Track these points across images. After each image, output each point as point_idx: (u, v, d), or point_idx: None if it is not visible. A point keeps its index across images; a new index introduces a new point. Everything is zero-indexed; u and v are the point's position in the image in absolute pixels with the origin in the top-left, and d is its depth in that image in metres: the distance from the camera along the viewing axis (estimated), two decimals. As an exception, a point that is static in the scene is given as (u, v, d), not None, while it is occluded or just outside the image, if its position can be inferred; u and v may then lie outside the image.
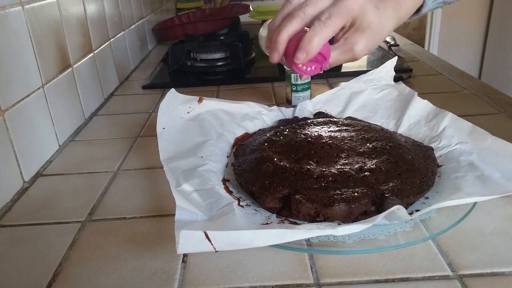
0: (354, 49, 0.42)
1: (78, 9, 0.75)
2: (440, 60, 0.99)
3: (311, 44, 0.40)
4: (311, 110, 0.65)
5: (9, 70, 0.53)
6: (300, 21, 0.40)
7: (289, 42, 0.41)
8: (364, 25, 0.41)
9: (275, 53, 0.42)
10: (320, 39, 0.40)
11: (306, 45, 0.40)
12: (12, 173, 0.52)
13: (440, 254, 0.37)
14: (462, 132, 0.52)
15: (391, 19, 0.44)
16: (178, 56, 1.01)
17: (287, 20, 0.41)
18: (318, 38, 0.40)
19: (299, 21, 0.40)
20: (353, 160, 0.46)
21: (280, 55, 0.42)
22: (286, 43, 0.41)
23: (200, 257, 0.39)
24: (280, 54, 0.42)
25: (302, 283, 0.35)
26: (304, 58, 0.40)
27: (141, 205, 0.48)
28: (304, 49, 0.40)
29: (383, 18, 0.43)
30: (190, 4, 1.81)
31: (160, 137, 0.52)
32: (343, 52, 0.42)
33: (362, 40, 0.42)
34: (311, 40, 0.39)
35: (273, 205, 0.43)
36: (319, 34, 0.39)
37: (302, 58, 0.41)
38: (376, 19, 0.41)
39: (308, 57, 0.41)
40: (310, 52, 0.40)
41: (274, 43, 0.41)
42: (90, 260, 0.40)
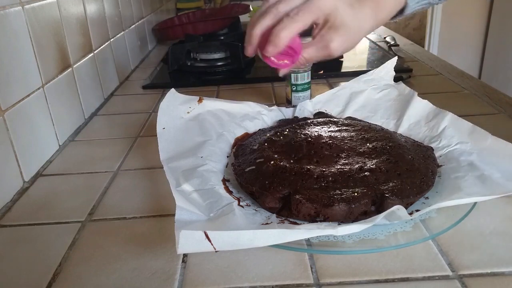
0: (329, 46, 0.44)
1: (78, 9, 0.75)
2: (440, 60, 0.99)
3: (278, 37, 0.42)
4: (311, 110, 0.65)
5: (9, 70, 0.53)
6: (273, 16, 0.43)
7: (263, 37, 0.44)
8: (338, 23, 0.43)
9: (249, 47, 0.45)
10: (288, 33, 0.42)
11: (274, 39, 0.42)
12: (12, 173, 0.52)
13: (440, 254, 0.37)
14: (462, 132, 0.52)
15: (368, 19, 0.45)
16: (178, 56, 1.01)
17: (261, 16, 0.44)
18: (285, 31, 0.42)
19: (272, 16, 0.43)
20: (353, 160, 0.46)
21: (253, 49, 0.45)
22: (259, 37, 0.44)
23: (200, 257, 0.39)
24: (253, 47, 0.45)
25: (302, 283, 0.35)
26: (272, 50, 0.43)
27: (141, 205, 0.48)
28: (272, 42, 0.42)
29: (358, 17, 0.44)
30: (190, 4, 1.81)
31: (160, 137, 0.52)
32: (319, 48, 0.44)
33: (337, 38, 0.43)
34: (278, 33, 0.42)
35: (273, 205, 0.43)
36: (287, 28, 0.42)
37: (271, 51, 0.43)
38: (350, 18, 0.43)
39: (276, 50, 0.43)
40: (278, 45, 0.42)
41: (248, 37, 0.44)
42: (90, 260, 0.40)
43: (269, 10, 0.43)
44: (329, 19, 0.43)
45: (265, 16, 0.43)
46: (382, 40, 1.18)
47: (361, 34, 0.45)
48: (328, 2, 0.42)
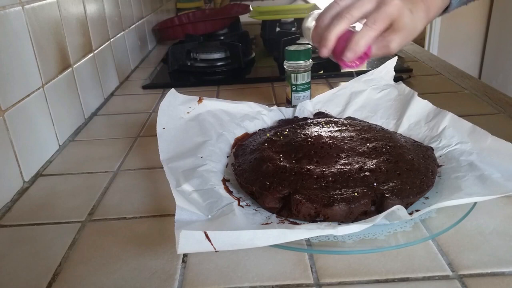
0: (389, 46, 0.49)
1: (78, 9, 0.75)
2: (440, 60, 0.99)
3: (359, 46, 0.47)
4: (311, 110, 0.65)
5: (9, 70, 0.53)
6: (348, 22, 0.48)
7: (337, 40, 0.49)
8: (400, 27, 0.48)
9: (325, 49, 0.50)
10: (367, 41, 0.47)
11: (354, 46, 0.47)
12: (12, 173, 0.52)
13: (440, 254, 0.38)
14: (462, 132, 0.52)
15: (422, 20, 0.51)
16: (178, 56, 1.01)
17: (336, 21, 0.48)
18: (364, 40, 0.47)
19: (347, 22, 0.48)
20: (353, 160, 0.46)
21: (329, 51, 0.50)
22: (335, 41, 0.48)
23: (200, 257, 0.39)
24: (329, 50, 0.49)
25: (302, 283, 0.35)
26: (351, 56, 0.48)
27: (141, 205, 0.48)
28: (353, 49, 0.48)
29: (415, 20, 0.49)
30: (190, 4, 1.81)
31: (160, 137, 0.52)
32: (380, 47, 0.49)
33: (397, 39, 0.49)
34: (359, 42, 0.47)
35: (273, 205, 0.43)
36: (366, 37, 0.47)
37: (350, 57, 0.48)
38: (410, 21, 0.48)
39: (355, 56, 0.48)
40: (358, 52, 0.48)
41: (325, 41, 0.48)
42: (90, 260, 0.40)
43: (343, 15, 0.47)
44: (394, 23, 0.48)
45: (340, 21, 0.47)
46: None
47: (415, 34, 0.51)
48: (396, 9, 0.47)
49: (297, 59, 0.68)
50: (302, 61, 0.68)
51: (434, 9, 0.52)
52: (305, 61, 0.68)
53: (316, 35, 0.51)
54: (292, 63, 0.69)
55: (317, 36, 0.51)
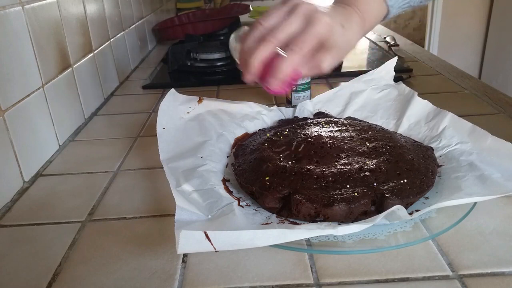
0: (320, 66, 0.45)
1: (78, 9, 0.75)
2: (440, 60, 0.99)
3: (282, 72, 0.43)
4: (311, 110, 0.65)
5: (9, 70, 0.53)
6: (272, 46, 0.43)
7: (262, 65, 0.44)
8: (332, 45, 0.44)
9: (249, 75, 0.45)
10: (290, 66, 0.43)
11: (278, 73, 0.43)
12: (12, 173, 0.52)
13: (440, 254, 0.37)
14: (462, 132, 0.52)
15: (356, 34, 0.47)
16: (178, 56, 1.01)
17: (260, 45, 0.43)
18: (288, 66, 0.42)
19: (271, 46, 0.43)
20: (353, 160, 0.46)
21: (253, 77, 0.45)
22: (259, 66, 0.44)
23: (200, 257, 0.39)
24: (253, 76, 0.45)
25: (302, 283, 0.35)
26: (275, 83, 0.44)
27: (141, 205, 0.48)
28: (276, 76, 0.43)
29: (348, 36, 0.45)
30: (190, 4, 1.81)
31: (160, 137, 0.52)
32: (311, 68, 0.45)
33: (329, 58, 0.44)
34: (282, 68, 0.42)
35: (273, 205, 0.43)
36: (289, 63, 0.42)
37: (274, 83, 0.44)
38: (341, 38, 0.44)
39: (279, 82, 0.44)
40: (281, 78, 0.43)
41: (248, 66, 0.44)
42: (90, 260, 0.40)
43: (267, 38, 0.43)
44: (323, 42, 0.43)
45: (264, 45, 0.43)
46: (382, 40, 1.18)
47: (349, 49, 0.47)
48: (325, 27, 0.42)
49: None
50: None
51: (370, 20, 0.49)
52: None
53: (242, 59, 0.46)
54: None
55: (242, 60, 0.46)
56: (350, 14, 0.47)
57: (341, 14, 0.46)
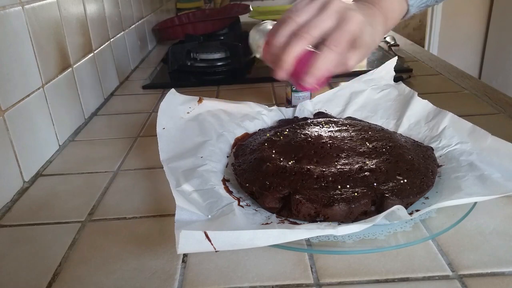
0: (347, 63, 0.45)
1: (78, 9, 0.75)
2: (440, 60, 0.99)
3: (320, 70, 0.43)
4: (311, 110, 0.65)
5: (9, 70, 0.53)
6: (306, 42, 0.43)
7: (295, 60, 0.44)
8: (361, 44, 0.44)
9: (282, 72, 0.44)
10: (327, 64, 0.43)
11: (315, 71, 0.43)
12: (12, 173, 0.52)
13: (440, 254, 0.37)
14: (462, 132, 0.52)
15: (380, 34, 0.48)
16: (178, 56, 1.01)
17: (294, 41, 0.42)
18: (326, 64, 0.43)
19: (306, 42, 0.42)
20: (353, 160, 0.46)
21: (286, 74, 0.45)
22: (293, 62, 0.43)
23: (200, 257, 0.39)
24: (286, 73, 0.44)
25: (302, 283, 0.35)
26: (312, 81, 0.44)
27: (141, 205, 0.48)
28: (313, 74, 0.43)
29: (374, 35, 0.47)
30: (190, 4, 1.81)
31: (160, 137, 0.52)
32: (338, 65, 0.45)
33: (356, 56, 0.45)
34: (320, 66, 0.42)
35: (273, 205, 0.43)
36: (327, 61, 0.42)
37: (310, 81, 0.43)
38: (370, 37, 0.45)
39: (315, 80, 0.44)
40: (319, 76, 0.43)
41: (282, 63, 0.43)
42: (90, 260, 0.40)
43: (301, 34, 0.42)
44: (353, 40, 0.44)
45: (298, 42, 0.42)
46: (382, 40, 1.18)
47: (374, 47, 0.48)
48: (358, 26, 0.43)
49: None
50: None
51: (392, 19, 0.50)
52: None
53: (270, 55, 0.45)
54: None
55: (271, 56, 0.45)
56: (374, 13, 0.48)
57: (367, 13, 0.46)
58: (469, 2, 2.68)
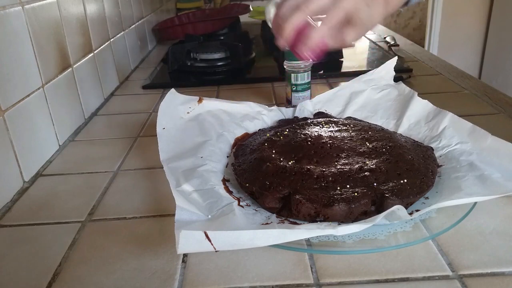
0: (345, 39, 0.49)
1: (78, 9, 0.75)
2: (440, 60, 0.99)
3: (312, 40, 0.48)
4: (311, 110, 0.65)
5: (9, 70, 0.53)
6: (304, 13, 0.48)
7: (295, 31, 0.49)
8: (356, 21, 0.48)
9: (282, 41, 0.50)
10: (320, 35, 0.48)
11: (308, 41, 0.48)
12: (12, 173, 0.52)
13: (440, 254, 0.37)
14: (462, 132, 0.52)
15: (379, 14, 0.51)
16: (178, 56, 1.01)
17: (294, 13, 0.48)
18: (317, 35, 0.48)
19: (304, 15, 0.48)
20: (353, 160, 0.46)
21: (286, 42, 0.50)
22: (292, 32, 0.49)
23: (200, 257, 0.39)
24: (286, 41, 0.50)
25: (302, 283, 0.35)
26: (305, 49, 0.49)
27: (141, 205, 0.48)
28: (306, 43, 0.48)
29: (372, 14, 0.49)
30: (190, 4, 1.81)
31: (160, 137, 0.52)
32: (337, 40, 0.50)
33: (353, 33, 0.49)
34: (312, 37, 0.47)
35: (273, 205, 0.43)
36: (320, 32, 0.48)
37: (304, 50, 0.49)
38: (366, 15, 0.49)
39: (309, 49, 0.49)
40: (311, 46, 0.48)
41: (283, 32, 0.49)
42: (90, 260, 0.40)
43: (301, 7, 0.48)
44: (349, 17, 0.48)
45: (298, 13, 0.48)
46: (382, 40, 1.18)
47: (372, 26, 0.51)
48: (352, 4, 0.47)
49: (297, 59, 0.68)
50: (302, 61, 0.68)
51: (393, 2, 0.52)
52: (305, 61, 0.68)
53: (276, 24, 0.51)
54: (292, 63, 0.69)
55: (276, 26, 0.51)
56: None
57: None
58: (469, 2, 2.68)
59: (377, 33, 1.28)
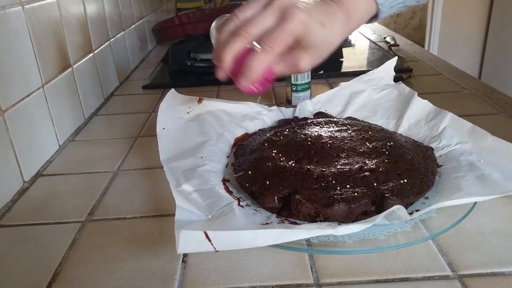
0: (298, 64, 0.42)
1: (78, 9, 0.75)
2: (440, 60, 0.99)
3: (253, 72, 0.40)
4: (311, 110, 0.65)
5: (9, 70, 0.53)
6: (244, 40, 0.41)
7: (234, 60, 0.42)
8: (308, 44, 0.41)
9: (220, 71, 0.43)
10: (261, 65, 0.40)
11: (248, 73, 0.41)
12: (12, 173, 0.52)
13: (440, 254, 0.37)
14: (462, 132, 0.52)
15: (337, 35, 0.44)
16: (178, 56, 1.01)
17: (232, 39, 0.41)
18: (259, 65, 0.40)
19: (243, 40, 0.41)
20: (353, 160, 0.46)
21: (225, 74, 0.43)
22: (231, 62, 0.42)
23: (200, 257, 0.39)
24: (226, 72, 0.43)
25: (302, 283, 0.35)
26: (246, 83, 0.42)
27: (141, 205, 0.48)
28: (246, 75, 0.41)
29: (328, 35, 0.42)
30: (190, 4, 1.81)
31: (160, 137, 0.52)
32: (288, 66, 0.43)
33: (307, 57, 0.42)
34: (253, 67, 0.40)
35: (273, 205, 0.43)
36: (260, 62, 0.40)
37: (244, 83, 0.42)
38: (320, 37, 0.41)
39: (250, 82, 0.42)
40: (252, 78, 0.41)
41: (221, 62, 0.42)
42: (90, 260, 0.40)
43: (239, 32, 0.41)
44: (300, 40, 0.41)
45: (236, 40, 0.41)
46: (382, 40, 1.18)
47: (330, 49, 0.44)
48: (299, 25, 0.40)
49: None
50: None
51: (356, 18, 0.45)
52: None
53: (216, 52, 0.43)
54: (292, 63, 0.69)
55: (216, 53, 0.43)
56: (334, 12, 0.43)
57: (323, 10, 0.42)
58: (469, 2, 2.68)
59: (377, 33, 1.28)
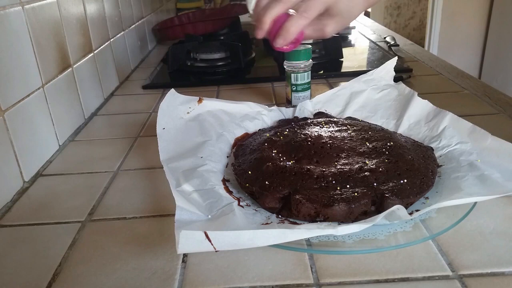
0: (324, 30, 0.50)
1: (78, 9, 0.75)
2: (440, 60, 0.99)
3: (289, 33, 0.48)
4: (311, 110, 0.65)
5: (9, 70, 0.53)
6: (283, 6, 0.48)
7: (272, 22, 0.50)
8: (335, 12, 0.49)
9: (259, 31, 0.50)
10: (297, 28, 0.48)
11: (284, 34, 0.48)
12: (12, 173, 0.52)
13: (440, 254, 0.38)
14: (462, 132, 0.52)
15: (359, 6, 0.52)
16: (178, 56, 1.01)
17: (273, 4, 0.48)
18: (295, 28, 0.48)
19: (283, 6, 0.48)
20: (353, 160, 0.46)
21: (264, 33, 0.50)
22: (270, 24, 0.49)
23: (200, 257, 0.39)
24: (263, 32, 0.50)
25: (302, 283, 0.35)
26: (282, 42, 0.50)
27: (141, 205, 0.48)
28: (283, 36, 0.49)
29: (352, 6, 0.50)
30: (190, 4, 1.81)
31: (160, 138, 0.52)
32: (316, 30, 0.51)
33: (332, 24, 0.50)
34: (289, 29, 0.48)
35: (273, 205, 0.43)
36: (296, 25, 0.48)
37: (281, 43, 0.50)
38: (346, 7, 0.49)
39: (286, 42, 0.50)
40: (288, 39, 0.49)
41: (260, 23, 0.49)
42: (90, 260, 0.40)
43: None
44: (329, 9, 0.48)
45: (276, 5, 0.48)
46: (382, 40, 1.18)
47: (352, 18, 0.52)
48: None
49: (297, 59, 0.68)
50: (302, 61, 0.68)
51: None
52: (305, 61, 0.68)
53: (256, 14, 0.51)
54: (292, 63, 0.69)
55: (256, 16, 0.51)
56: None
57: None
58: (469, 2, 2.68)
59: (377, 33, 1.28)
